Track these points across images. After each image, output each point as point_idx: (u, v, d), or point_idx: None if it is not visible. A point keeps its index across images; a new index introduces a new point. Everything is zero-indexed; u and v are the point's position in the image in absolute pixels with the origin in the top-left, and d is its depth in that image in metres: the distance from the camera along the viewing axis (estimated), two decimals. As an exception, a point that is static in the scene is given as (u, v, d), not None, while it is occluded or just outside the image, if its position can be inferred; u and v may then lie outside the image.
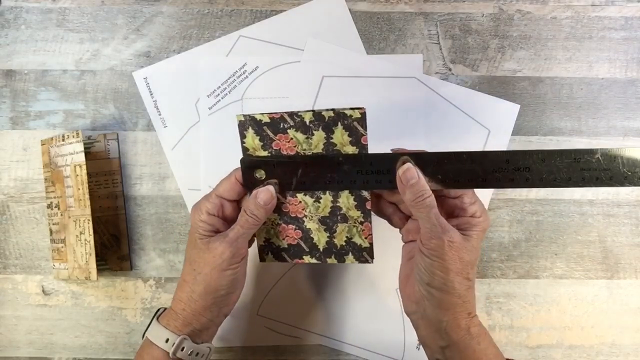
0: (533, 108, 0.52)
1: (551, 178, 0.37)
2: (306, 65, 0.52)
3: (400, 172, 0.37)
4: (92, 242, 0.47)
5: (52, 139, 0.50)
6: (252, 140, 0.40)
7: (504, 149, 0.51)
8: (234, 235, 0.39)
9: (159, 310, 0.43)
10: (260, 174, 0.40)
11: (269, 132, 0.40)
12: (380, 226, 0.49)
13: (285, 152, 0.40)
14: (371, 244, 0.42)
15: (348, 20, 0.52)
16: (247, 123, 0.40)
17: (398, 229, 0.43)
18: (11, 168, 0.52)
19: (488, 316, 0.52)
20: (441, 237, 0.36)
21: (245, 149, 0.41)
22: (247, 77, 0.52)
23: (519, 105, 0.52)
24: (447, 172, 0.38)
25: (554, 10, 0.52)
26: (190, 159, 0.52)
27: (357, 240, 0.42)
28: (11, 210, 0.52)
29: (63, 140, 0.49)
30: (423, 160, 0.38)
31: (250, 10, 0.52)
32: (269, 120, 0.40)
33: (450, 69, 0.52)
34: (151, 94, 0.52)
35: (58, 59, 0.52)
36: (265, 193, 0.39)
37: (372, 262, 0.42)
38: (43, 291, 0.52)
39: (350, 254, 0.43)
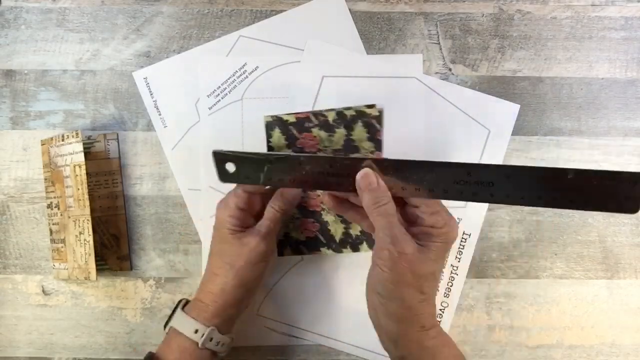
0: (533, 108, 0.52)
1: (518, 195, 0.34)
2: (306, 65, 0.52)
3: (358, 176, 0.37)
4: (91, 242, 0.47)
5: (52, 139, 0.50)
6: (279, 139, 0.44)
7: (504, 149, 0.51)
8: (266, 229, 0.41)
9: (181, 300, 0.44)
10: (230, 167, 0.41)
11: (294, 131, 0.44)
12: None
13: (308, 150, 0.44)
14: None
15: (348, 20, 0.52)
16: (274, 123, 0.45)
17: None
18: (11, 168, 0.52)
19: (488, 316, 0.52)
20: (391, 248, 0.35)
21: (270, 147, 0.45)
22: (247, 77, 0.52)
23: (519, 105, 0.52)
24: (408, 179, 0.36)
25: (554, 10, 0.52)
26: (190, 159, 0.52)
27: None
28: (11, 210, 0.52)
29: (63, 140, 0.49)
30: (384, 166, 0.37)
31: (250, 10, 0.52)
32: (295, 120, 0.44)
33: (450, 69, 0.52)
34: (151, 94, 0.52)
35: (58, 59, 0.52)
36: (291, 189, 0.42)
37: None
38: (43, 291, 0.52)
39: (364, 242, 0.47)
